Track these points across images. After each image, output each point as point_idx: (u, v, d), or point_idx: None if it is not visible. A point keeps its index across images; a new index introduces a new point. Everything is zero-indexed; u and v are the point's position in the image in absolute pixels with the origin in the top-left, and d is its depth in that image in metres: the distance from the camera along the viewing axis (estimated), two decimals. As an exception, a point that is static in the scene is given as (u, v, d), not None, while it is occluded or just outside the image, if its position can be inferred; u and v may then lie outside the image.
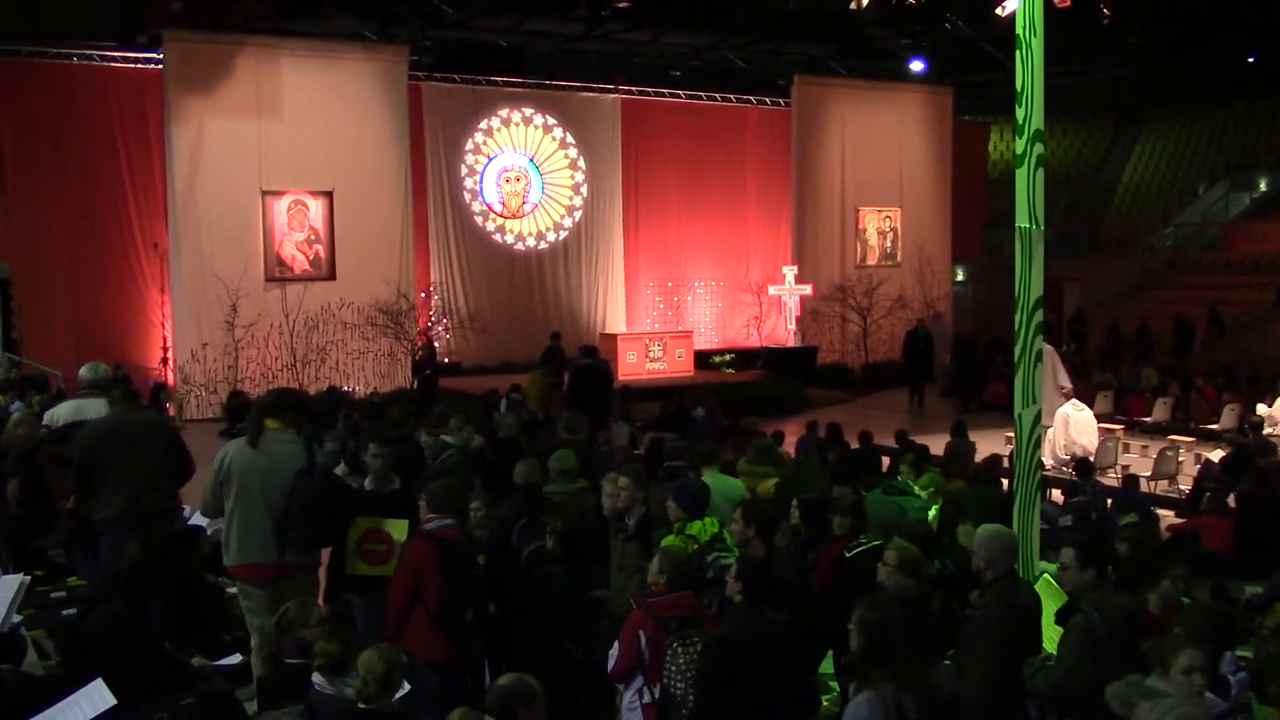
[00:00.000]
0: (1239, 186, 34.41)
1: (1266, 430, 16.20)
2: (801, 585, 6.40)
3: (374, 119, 21.69)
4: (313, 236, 21.24)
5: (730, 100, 26.92)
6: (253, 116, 20.40)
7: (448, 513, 6.66)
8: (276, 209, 20.88)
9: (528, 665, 5.75)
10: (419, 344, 21.70)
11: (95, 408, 8.56)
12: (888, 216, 27.58)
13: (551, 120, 24.98)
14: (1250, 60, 34.05)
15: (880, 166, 27.18)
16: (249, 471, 6.91)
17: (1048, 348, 17.35)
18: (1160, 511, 12.88)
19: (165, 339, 20.81)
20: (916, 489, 9.67)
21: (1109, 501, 12.55)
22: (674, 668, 5.52)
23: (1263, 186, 34.01)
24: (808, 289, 25.58)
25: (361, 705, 4.85)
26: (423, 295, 22.82)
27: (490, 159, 24.35)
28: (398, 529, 7.12)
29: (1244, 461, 13.54)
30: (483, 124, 24.24)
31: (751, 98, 27.14)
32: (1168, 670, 4.72)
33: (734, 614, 5.43)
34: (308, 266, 21.23)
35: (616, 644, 5.79)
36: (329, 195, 21.19)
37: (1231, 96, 35.44)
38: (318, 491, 6.92)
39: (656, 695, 5.62)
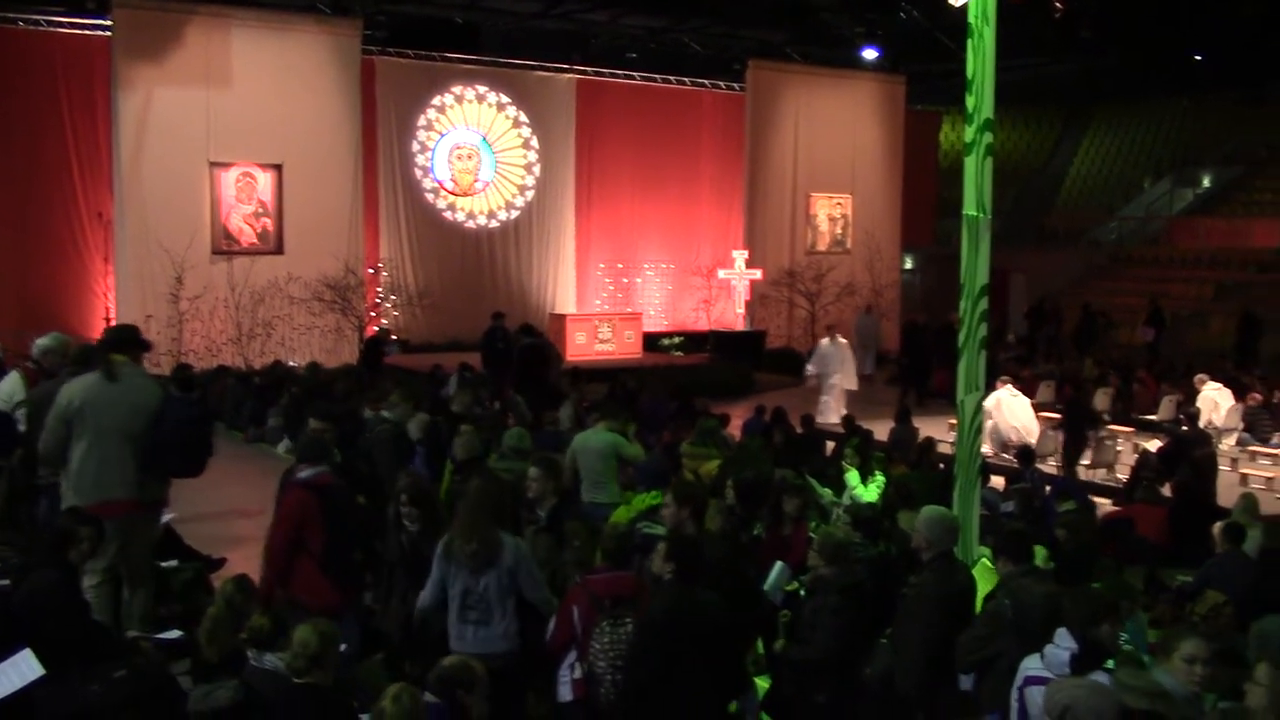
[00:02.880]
0: (1183, 182, 34.93)
1: (1202, 422, 16.47)
2: (733, 566, 6.42)
3: (325, 92, 21.45)
4: (261, 210, 21.00)
5: (685, 83, 26.93)
6: (202, 86, 20.11)
7: (318, 462, 6.66)
8: (224, 181, 20.62)
9: (444, 642, 5.76)
10: (371, 321, 21.58)
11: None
12: (839, 203, 27.72)
13: (505, 99, 24.84)
14: (1197, 58, 34.55)
15: (832, 153, 27.29)
16: (105, 406, 6.77)
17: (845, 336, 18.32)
18: (1098, 500, 13.07)
19: (108, 309, 20.50)
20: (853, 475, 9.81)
21: (1048, 489, 12.71)
22: (598, 646, 5.56)
23: (1206, 183, 34.54)
24: (758, 273, 25.65)
25: (294, 679, 4.82)
26: (371, 271, 22.64)
27: (442, 136, 24.18)
28: None
29: (1180, 452, 13.75)
30: (436, 100, 24.07)
31: (706, 81, 27.16)
32: (1170, 657, 4.71)
33: (664, 593, 5.44)
34: (255, 240, 21.00)
35: (554, 619, 5.82)
36: (278, 168, 20.97)
37: (1178, 93, 35.93)
38: (195, 417, 6.89)
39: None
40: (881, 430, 14.58)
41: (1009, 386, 16.91)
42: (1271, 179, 32.48)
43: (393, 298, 23.14)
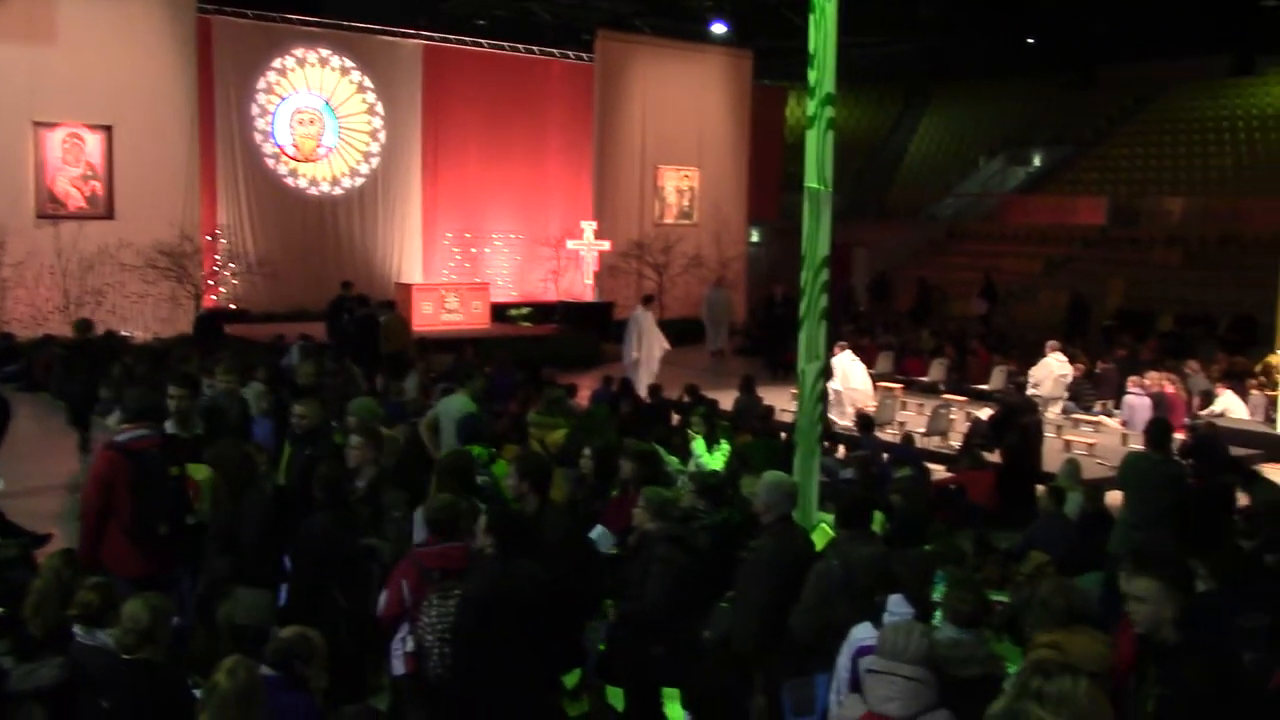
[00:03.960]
0: (1015, 161, 36.28)
1: (1030, 391, 17.19)
2: (576, 537, 6.46)
3: (158, 52, 20.65)
4: (89, 173, 20.15)
5: (534, 52, 26.74)
6: (23, 42, 19.15)
7: (143, 422, 6.48)
8: (49, 142, 19.72)
9: (295, 614, 5.67)
10: (208, 290, 20.93)
11: None
12: (686, 176, 27.94)
13: (349, 63, 24.27)
14: (1030, 41, 35.90)
15: (680, 126, 27.46)
16: None
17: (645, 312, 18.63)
18: (932, 466, 13.53)
19: (-78, 275, 19.45)
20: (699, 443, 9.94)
21: (886, 456, 13.11)
22: (426, 620, 5.53)
23: (1036, 162, 35.92)
24: (606, 245, 25.70)
25: (125, 656, 4.67)
26: (209, 238, 21.93)
27: (283, 99, 23.50)
28: (199, 473, 7.01)
29: (1009, 420, 14.31)
30: (276, 63, 23.37)
31: (555, 51, 27.02)
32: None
33: (486, 566, 5.42)
34: (83, 204, 20.15)
35: (383, 593, 5.78)
36: (108, 130, 20.14)
37: (1012, 75, 37.23)
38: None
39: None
40: (728, 400, 14.80)
41: (848, 352, 17.36)
42: (1096, 159, 33.96)
43: (231, 265, 22.46)
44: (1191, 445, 13.38)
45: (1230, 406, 17.44)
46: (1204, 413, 17.19)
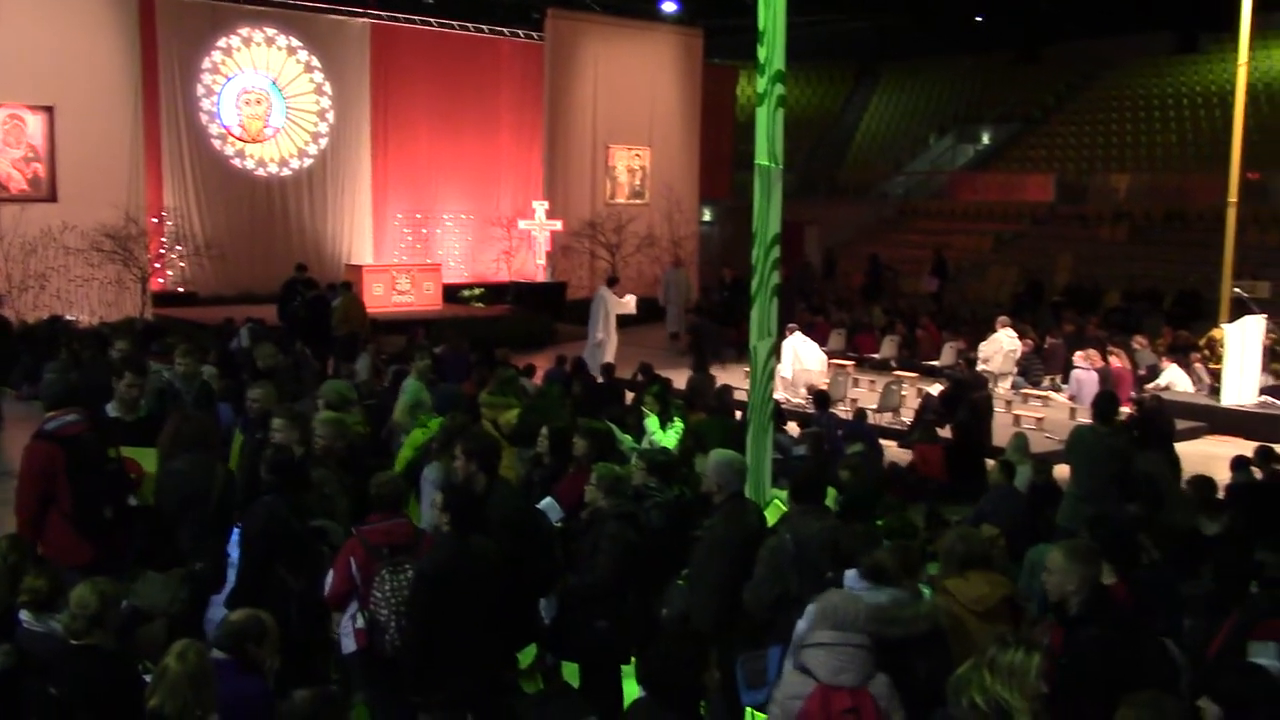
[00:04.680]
0: (965, 139, 36.53)
1: (980, 367, 17.37)
2: (528, 516, 6.47)
3: (100, 31, 20.30)
4: (31, 154, 19.82)
5: (483, 31, 26.52)
6: (-40, 21, 18.78)
7: (69, 408, 6.43)
8: (-11, 123, 19.38)
9: (243, 595, 5.65)
10: (155, 273, 20.66)
11: None
12: (637, 155, 27.89)
13: (296, 42, 23.97)
14: (978, 20, 36.12)
15: (631, 105, 27.38)
16: None
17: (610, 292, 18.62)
18: (884, 442, 13.66)
19: None
20: (653, 421, 9.96)
21: (839, 432, 13.20)
22: (379, 594, 5.59)
23: (985, 140, 36.18)
24: (558, 224, 25.63)
25: (73, 641, 4.62)
26: (154, 221, 21.63)
27: (229, 79, 23.18)
28: (145, 457, 6.97)
29: (959, 395, 14.48)
30: (221, 42, 23.02)
31: (505, 29, 26.81)
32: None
33: (439, 545, 5.52)
34: (25, 186, 19.82)
35: (330, 573, 5.82)
36: (49, 110, 19.80)
37: (961, 53, 37.46)
38: None
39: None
40: (682, 379, 14.84)
41: (798, 334, 17.46)
42: (1044, 136, 34.25)
43: (178, 248, 22.18)
44: (1137, 418, 13.57)
45: (1175, 380, 17.72)
46: (1150, 386, 17.45)
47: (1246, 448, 11.85)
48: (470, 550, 5.44)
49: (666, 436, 10.14)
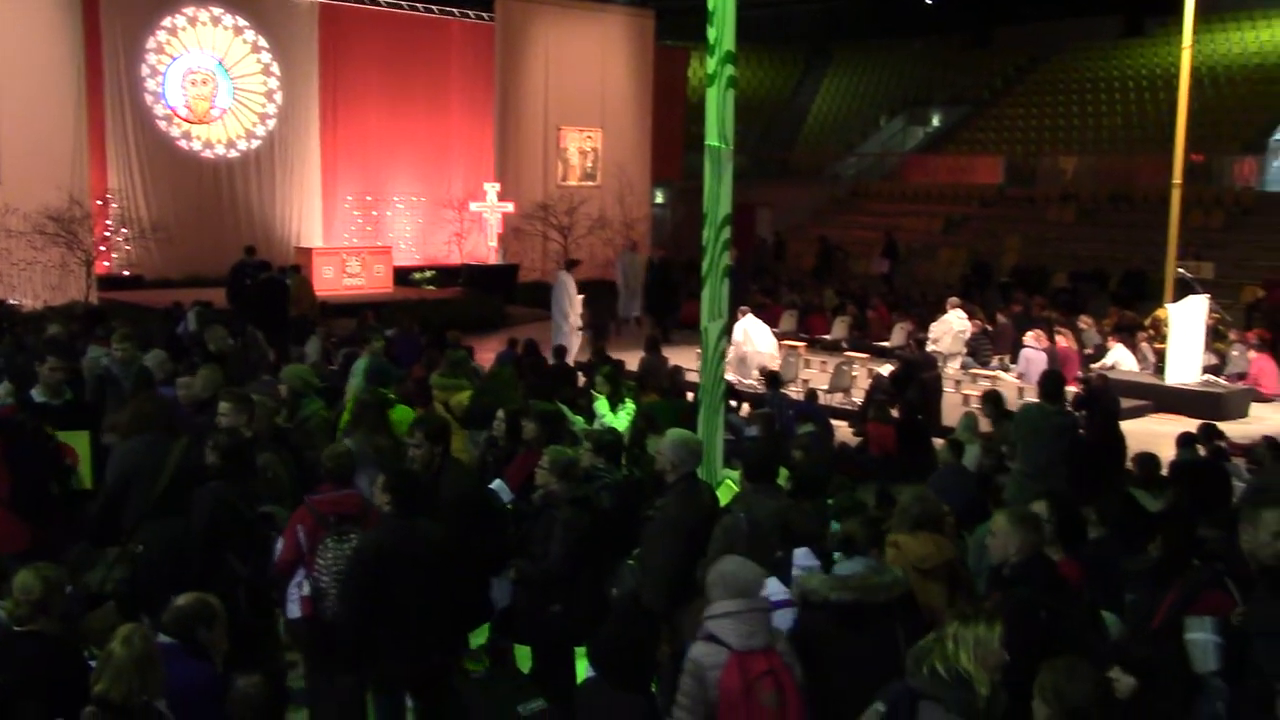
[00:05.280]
0: (915, 121, 36.77)
1: (930, 347, 17.51)
2: (476, 498, 6.47)
3: (43, 11, 19.95)
4: (-30, 136, 19.44)
5: (433, 11, 26.31)
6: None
7: None
8: (-73, 104, 18.98)
9: (192, 582, 5.60)
10: (101, 256, 20.35)
11: None
12: (589, 136, 27.81)
13: (242, 22, 23.64)
14: (929, 2, 36.30)
15: (582, 86, 27.29)
16: None
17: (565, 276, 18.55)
18: (835, 422, 13.74)
19: None
20: (602, 403, 9.98)
21: (791, 412, 13.27)
22: (322, 562, 5.75)
23: (935, 122, 36.44)
24: (510, 206, 25.53)
25: (16, 628, 4.56)
26: (99, 203, 21.31)
27: (174, 59, 22.83)
28: (77, 440, 6.91)
29: (909, 375, 14.59)
30: (166, 22, 22.66)
31: (455, 10, 26.61)
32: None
33: (384, 523, 5.59)
34: (-35, 169, 19.44)
35: (280, 541, 5.96)
36: (-11, 91, 19.43)
37: (910, 35, 37.64)
38: None
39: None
40: (634, 361, 14.84)
41: (750, 315, 17.51)
42: (992, 119, 34.54)
43: (124, 231, 21.86)
44: (1084, 397, 13.75)
45: (1121, 359, 17.95)
46: (1096, 365, 17.67)
47: (1190, 425, 12.03)
48: (411, 533, 5.49)
49: (617, 418, 10.15)
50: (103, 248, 21.19)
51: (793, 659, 4.43)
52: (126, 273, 21.89)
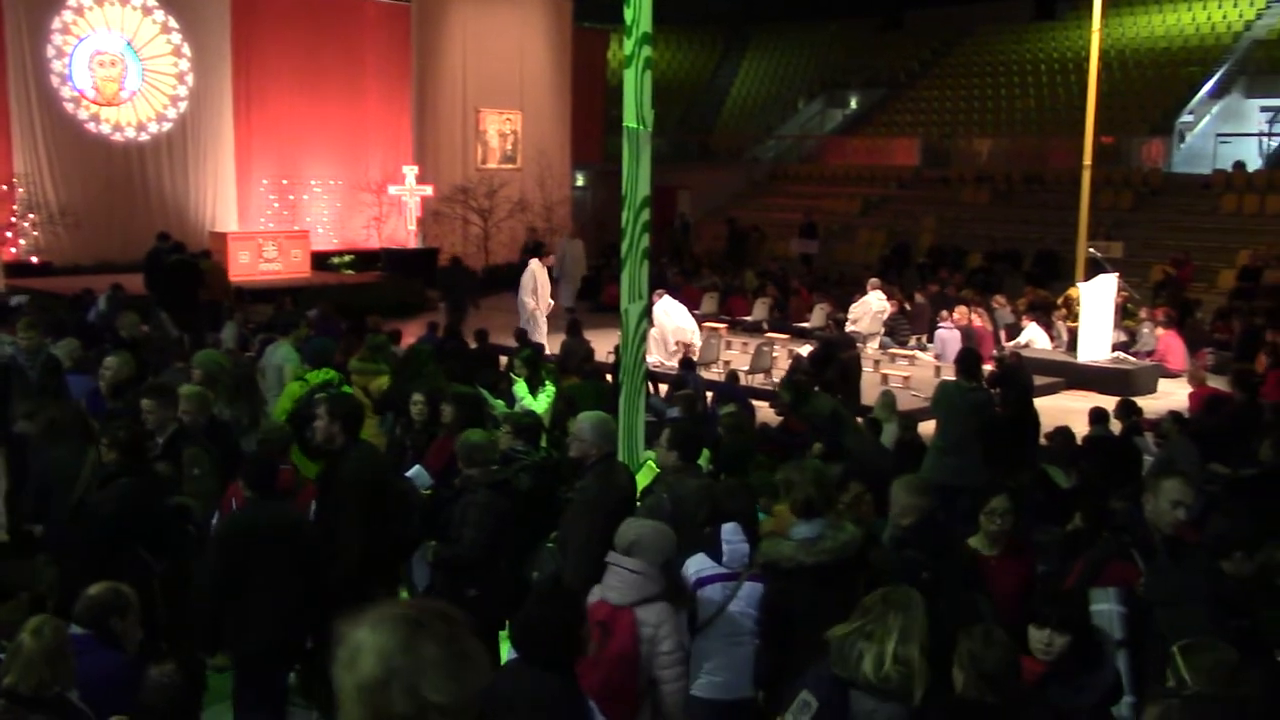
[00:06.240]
0: (833, 103, 37.04)
1: (849, 327, 17.71)
2: (382, 479, 6.45)
3: (-61, -12, 19.37)
4: None
5: (349, -8, 25.97)
6: None
7: None
8: None
9: (104, 576, 5.53)
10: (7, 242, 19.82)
11: None
12: (508, 119, 27.66)
13: (152, 2, 23.13)
14: (845, -16, 36.65)
15: (501, 69, 27.12)
16: None
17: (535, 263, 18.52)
18: (756, 403, 13.83)
19: None
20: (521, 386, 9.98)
21: (710, 394, 13.35)
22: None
23: (853, 104, 36.73)
24: (429, 190, 25.32)
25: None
26: (4, 187, 20.76)
27: (81, 40, 22.27)
28: None
29: (829, 355, 14.74)
30: (72, 2, 22.10)
31: (370, -9, 26.30)
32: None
33: (247, 504, 5.80)
34: None
35: (218, 512, 6.22)
36: (-115, 72, 18.83)
37: (827, 18, 37.91)
38: None
39: None
40: (556, 344, 14.83)
41: (666, 297, 17.51)
42: (909, 101, 34.91)
43: (31, 216, 21.32)
44: (998, 375, 13.98)
45: (1034, 338, 18.31)
46: (1010, 344, 17.99)
47: (1102, 401, 12.32)
48: (271, 514, 5.65)
49: (537, 401, 10.14)
50: (8, 233, 20.66)
51: (660, 630, 4.68)
52: (35, 259, 21.38)
